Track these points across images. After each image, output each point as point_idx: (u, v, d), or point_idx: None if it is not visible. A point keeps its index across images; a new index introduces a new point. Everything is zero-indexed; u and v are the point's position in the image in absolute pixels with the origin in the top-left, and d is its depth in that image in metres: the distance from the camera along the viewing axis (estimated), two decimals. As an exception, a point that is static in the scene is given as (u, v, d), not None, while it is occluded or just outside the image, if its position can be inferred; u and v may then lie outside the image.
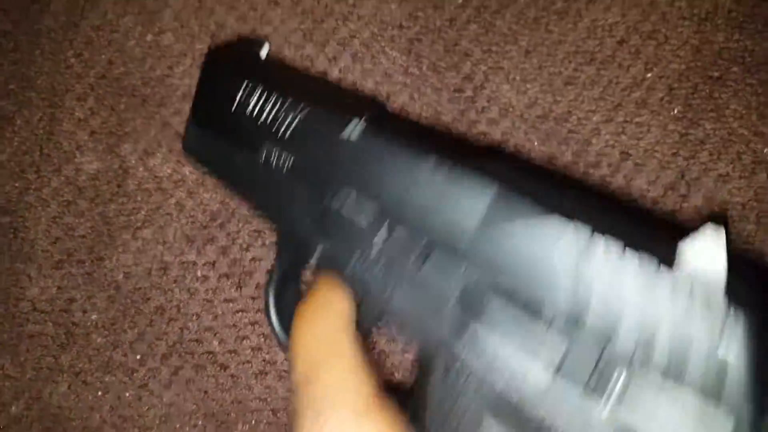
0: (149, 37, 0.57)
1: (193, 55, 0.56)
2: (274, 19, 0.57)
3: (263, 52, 0.46)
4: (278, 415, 0.53)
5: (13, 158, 0.57)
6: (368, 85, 0.55)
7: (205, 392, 0.53)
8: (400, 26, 0.55)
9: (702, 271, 0.25)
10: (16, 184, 0.57)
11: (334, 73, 0.55)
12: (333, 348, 0.31)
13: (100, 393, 0.54)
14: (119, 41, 0.57)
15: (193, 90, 0.55)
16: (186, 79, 0.56)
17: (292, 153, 0.38)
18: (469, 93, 0.53)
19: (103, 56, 0.57)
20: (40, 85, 0.58)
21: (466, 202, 0.30)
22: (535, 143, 0.50)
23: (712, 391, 0.24)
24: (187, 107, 0.55)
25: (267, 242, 0.53)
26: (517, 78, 0.52)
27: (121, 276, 0.55)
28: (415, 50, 0.54)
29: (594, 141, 0.48)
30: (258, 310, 0.53)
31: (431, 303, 0.30)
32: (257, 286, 0.53)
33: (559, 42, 0.52)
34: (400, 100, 0.53)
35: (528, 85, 0.51)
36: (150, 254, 0.55)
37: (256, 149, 0.39)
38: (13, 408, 0.55)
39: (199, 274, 0.54)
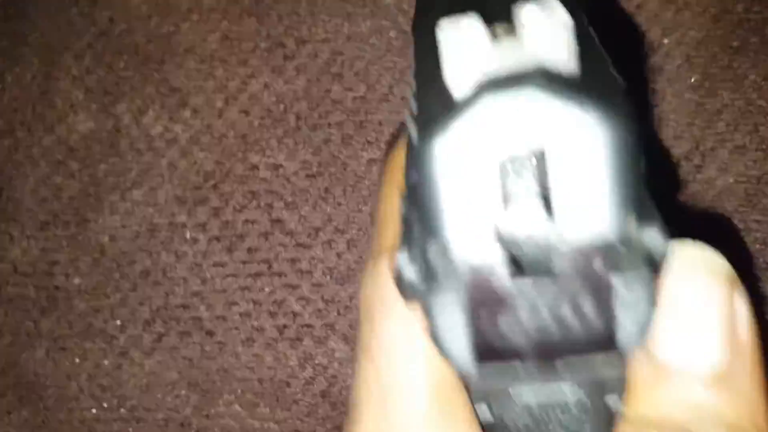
0: (157, -6, 0.56)
1: (200, 10, 0.55)
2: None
3: None
4: (264, 384, 0.50)
5: (2, 116, 0.56)
6: (383, 40, 0.53)
7: (190, 360, 0.51)
8: None
9: None
10: (5, 142, 0.55)
11: (351, 26, 0.53)
12: None
13: (77, 360, 0.52)
14: (123, -2, 0.56)
15: (196, 44, 0.54)
16: (191, 35, 0.55)
17: None
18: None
19: (104, 13, 0.56)
20: (34, 41, 0.56)
21: None
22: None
23: None
24: (189, 62, 0.54)
25: (261, 204, 0.51)
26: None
27: (106, 239, 0.53)
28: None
29: (608, 107, 0.47)
30: (249, 275, 0.51)
31: None
32: (249, 251, 0.51)
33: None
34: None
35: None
36: (139, 216, 0.53)
37: None
38: (-12, 374, 0.53)
39: (188, 236, 0.52)
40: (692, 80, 0.47)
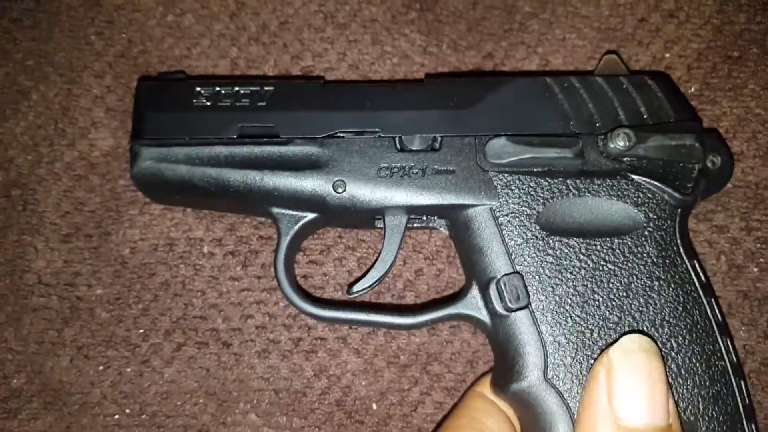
0: (170, 18, 0.58)
1: (211, 36, 0.57)
2: (295, 1, 0.57)
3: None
4: (280, 395, 0.52)
5: (27, 132, 0.57)
6: (386, 67, 0.55)
7: (207, 370, 0.52)
8: (421, 9, 0.55)
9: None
10: (29, 157, 0.57)
11: (353, 55, 0.55)
12: None
13: (101, 367, 0.54)
14: (140, 21, 0.58)
15: (210, 70, 0.56)
16: (202, 60, 0.57)
17: (271, 121, 0.46)
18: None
19: (123, 35, 0.58)
20: (58, 61, 0.58)
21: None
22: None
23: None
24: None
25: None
26: (539, 50, 0.53)
27: (127, 251, 0.55)
28: (435, 31, 0.54)
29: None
30: (264, 289, 0.53)
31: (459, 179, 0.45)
32: (263, 266, 0.53)
33: (583, 15, 0.51)
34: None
35: (550, 58, 0.51)
36: (157, 230, 0.54)
37: (230, 130, 0.47)
38: (14, 381, 0.54)
39: (205, 250, 0.54)
40: (692, 90, 0.47)
